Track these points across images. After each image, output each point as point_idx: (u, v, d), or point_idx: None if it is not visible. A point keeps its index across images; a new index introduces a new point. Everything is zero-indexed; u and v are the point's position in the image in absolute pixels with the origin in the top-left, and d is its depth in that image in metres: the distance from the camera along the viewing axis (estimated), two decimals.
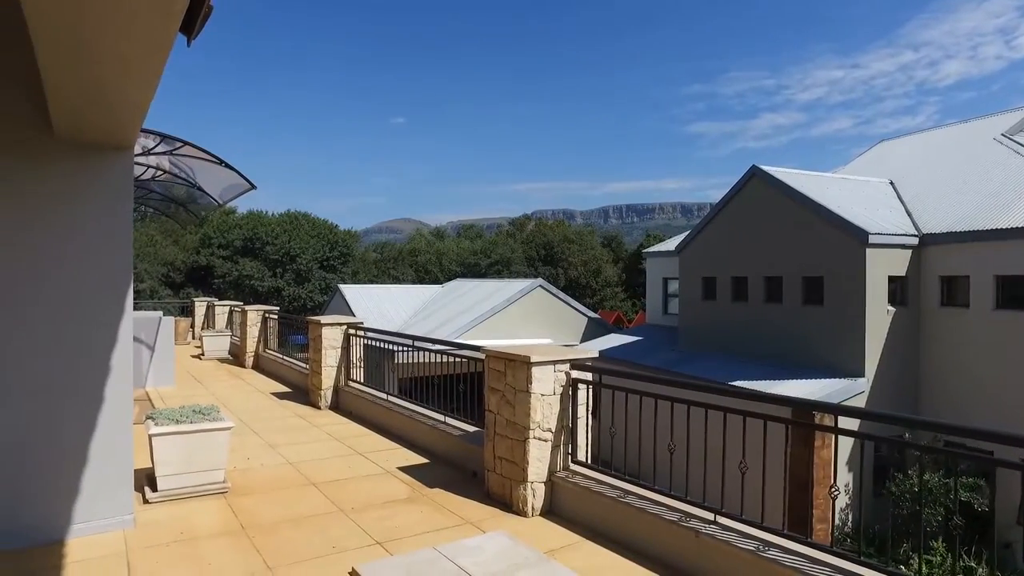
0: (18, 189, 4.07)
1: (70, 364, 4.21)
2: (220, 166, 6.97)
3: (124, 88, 3.18)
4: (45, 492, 4.12)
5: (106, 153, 4.28)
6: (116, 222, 4.35)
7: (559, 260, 55.66)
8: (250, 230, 44.71)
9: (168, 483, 4.96)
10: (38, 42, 2.68)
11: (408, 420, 6.88)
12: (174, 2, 2.20)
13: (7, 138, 4.02)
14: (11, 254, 4.05)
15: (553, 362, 4.77)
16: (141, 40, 2.51)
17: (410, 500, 5.03)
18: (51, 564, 3.83)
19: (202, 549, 4.08)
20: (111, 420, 4.32)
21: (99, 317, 4.29)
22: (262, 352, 12.87)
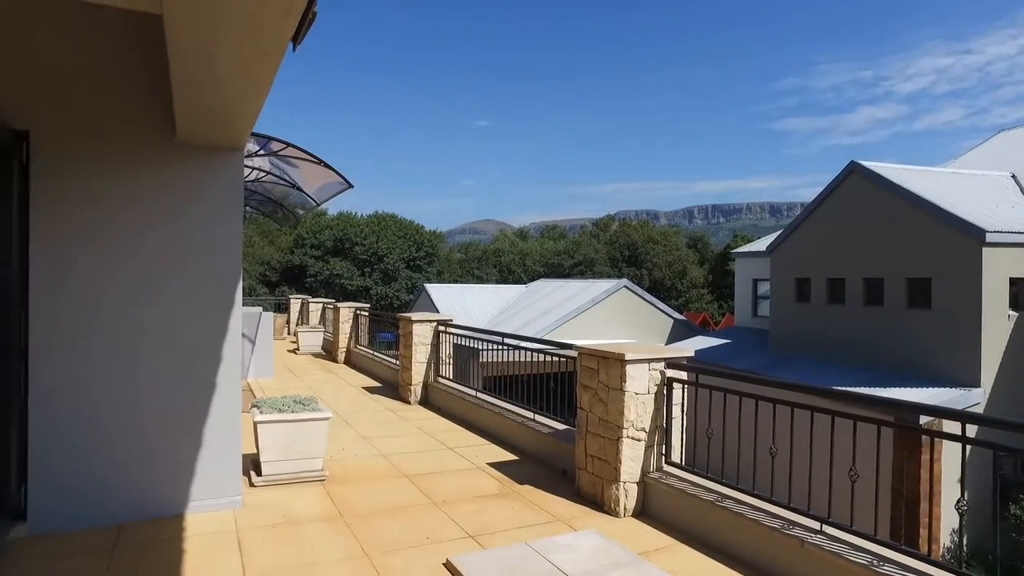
0: (147, 191, 4.37)
1: (187, 354, 4.49)
2: (319, 166, 7.25)
3: (241, 93, 3.35)
4: (168, 471, 4.42)
5: (221, 155, 4.53)
6: (229, 220, 4.59)
7: (643, 261, 54.76)
8: (340, 231, 46.46)
9: (271, 468, 5.19)
10: (173, 55, 2.87)
11: (496, 417, 6.92)
12: (293, 3, 2.29)
13: (138, 144, 4.33)
14: (140, 251, 4.36)
15: (648, 360, 4.67)
16: (259, 46, 2.63)
17: (500, 495, 5.05)
18: (173, 536, 4.11)
19: (304, 532, 4.25)
20: (222, 407, 4.57)
21: (213, 310, 4.55)
22: (353, 348, 13.32)
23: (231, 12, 2.32)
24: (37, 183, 4.11)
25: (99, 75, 4.25)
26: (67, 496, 4.16)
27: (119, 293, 4.32)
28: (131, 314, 4.35)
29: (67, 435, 4.18)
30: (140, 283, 4.37)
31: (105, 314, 4.29)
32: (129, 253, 4.34)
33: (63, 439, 4.17)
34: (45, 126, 4.11)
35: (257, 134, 6.49)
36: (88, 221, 4.24)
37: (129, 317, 4.34)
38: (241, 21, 2.39)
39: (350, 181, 7.84)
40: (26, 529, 4.06)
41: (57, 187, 4.15)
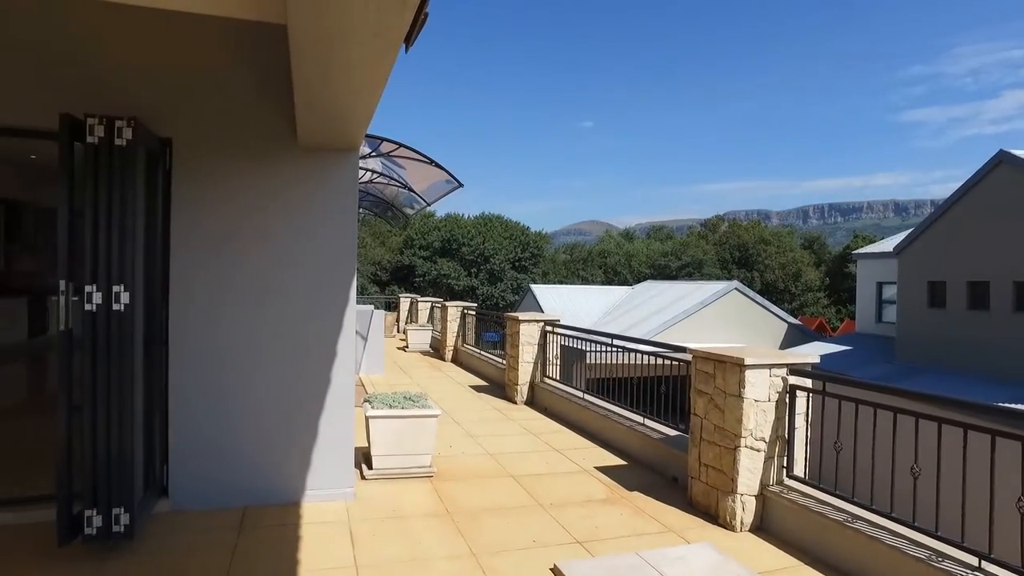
0: (270, 193, 4.60)
1: (304, 349, 4.68)
2: (429, 165, 7.40)
3: (355, 94, 3.43)
4: (287, 461, 4.63)
5: (337, 156, 4.70)
6: (344, 219, 4.75)
7: (754, 262, 52.46)
8: (448, 232, 47.70)
9: (382, 463, 5.33)
10: (295, 60, 2.98)
11: (604, 419, 6.78)
12: (407, 1, 2.29)
13: (263, 148, 4.57)
14: (264, 250, 4.59)
15: (769, 365, 4.38)
16: (373, 45, 2.66)
17: (608, 501, 4.91)
18: (291, 522, 4.30)
19: (412, 527, 4.31)
20: (337, 401, 4.74)
21: (329, 307, 4.72)
22: (460, 346, 13.55)
23: (348, 12, 2.35)
24: (177, 187, 4.42)
25: (229, 85, 4.52)
26: (200, 477, 4.45)
27: (245, 291, 4.57)
28: (256, 311, 4.59)
29: (199, 422, 4.47)
30: (264, 281, 4.60)
31: (233, 310, 4.55)
32: (254, 252, 4.58)
33: (196, 425, 4.47)
34: (184, 134, 4.42)
35: (369, 136, 6.69)
36: (219, 222, 4.51)
37: (254, 314, 4.59)
38: (357, 21, 2.42)
39: (460, 180, 7.95)
40: (168, 504, 4.39)
41: (193, 190, 4.45)
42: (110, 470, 3.70)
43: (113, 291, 3.70)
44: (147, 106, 4.20)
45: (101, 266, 3.68)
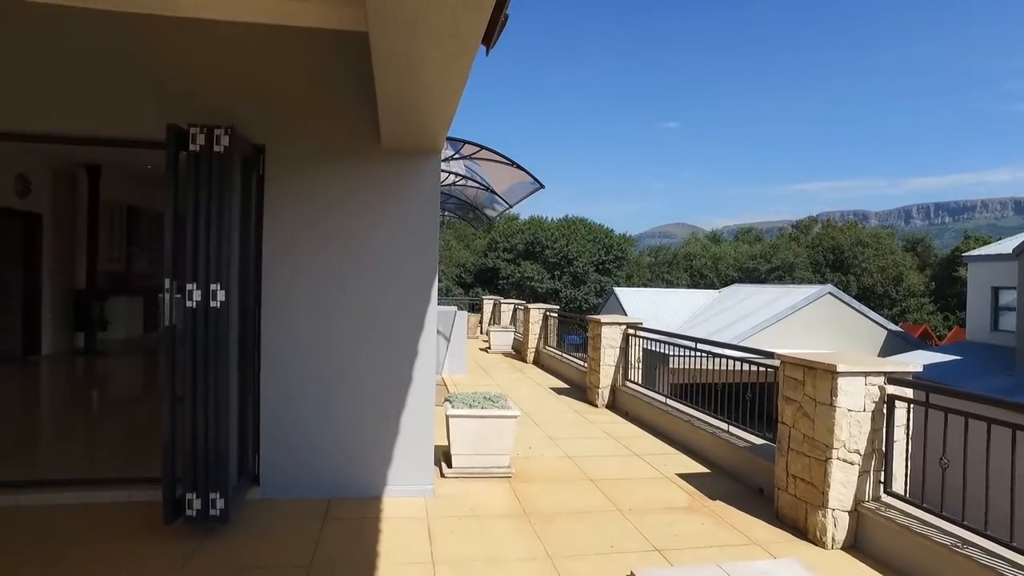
0: (355, 196, 4.76)
1: (387, 347, 4.80)
2: (511, 167, 7.45)
3: (435, 97, 3.49)
4: (369, 456, 4.77)
5: (419, 159, 4.80)
6: (426, 221, 4.84)
7: (851, 266, 49.72)
8: (531, 235, 47.89)
9: (461, 462, 5.39)
10: (377, 64, 3.06)
11: (686, 425, 6.59)
12: (482, 2, 2.31)
13: (348, 153, 4.73)
14: (349, 251, 4.76)
15: (864, 373, 4.12)
16: (450, 47, 2.70)
17: (690, 509, 4.77)
18: (372, 515, 4.42)
19: (489, 527, 4.33)
20: (418, 399, 4.83)
21: (411, 306, 4.82)
22: (542, 348, 13.56)
23: (425, 17, 2.39)
24: (269, 191, 4.65)
25: (318, 92, 4.71)
26: (288, 469, 4.65)
27: (331, 291, 4.74)
28: (341, 311, 4.75)
29: (288, 415, 4.68)
30: (349, 281, 4.76)
31: (319, 310, 4.73)
32: (340, 253, 4.75)
33: (285, 418, 4.67)
34: (277, 140, 4.64)
35: (451, 138, 6.81)
36: (307, 224, 4.71)
37: (339, 313, 4.75)
38: (433, 25, 2.46)
39: (541, 181, 7.96)
40: (259, 492, 4.61)
41: (284, 194, 4.67)
42: (207, 458, 3.93)
43: (211, 289, 3.93)
44: (243, 115, 4.45)
45: (200, 265, 3.91)
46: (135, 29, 4.47)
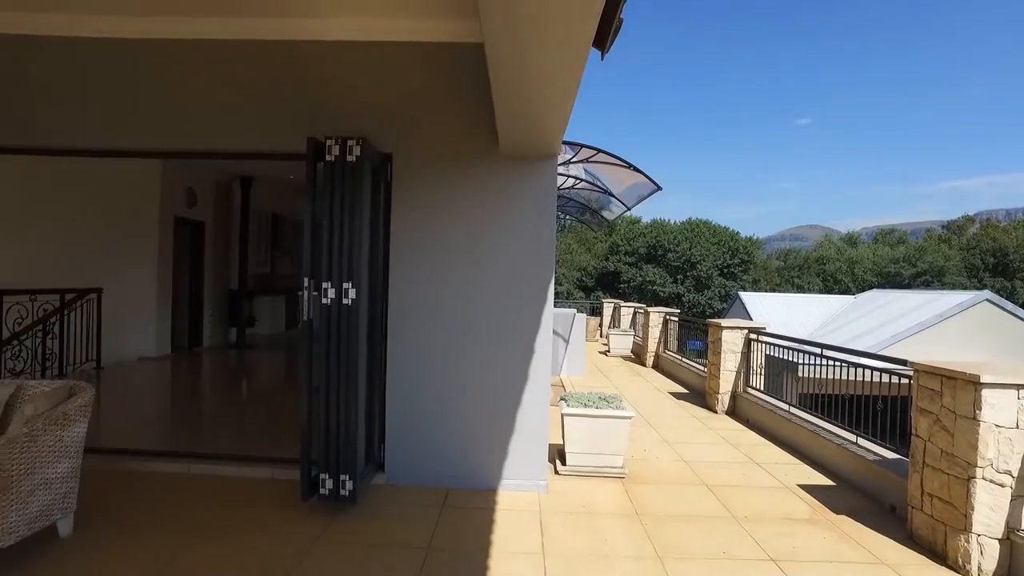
0: (475, 199, 4.99)
1: (505, 345, 4.98)
2: (628, 169, 7.45)
3: (550, 100, 3.60)
4: (486, 449, 4.96)
5: (536, 163, 4.94)
6: (543, 223, 4.98)
7: (1016, 270, 44.48)
8: (653, 238, 46.99)
9: (575, 460, 5.47)
10: (493, 72, 3.22)
11: (811, 435, 6.27)
12: (593, 7, 2.39)
13: (469, 159, 4.97)
14: (471, 252, 4.99)
15: (1017, 386, 3.76)
16: (563, 51, 2.80)
17: (811, 522, 4.56)
18: (487, 506, 4.61)
19: (600, 524, 4.38)
20: (533, 396, 4.97)
21: (528, 306, 4.97)
22: (662, 353, 13.33)
23: (537, 25, 2.51)
24: (396, 196, 4.99)
25: (439, 102, 4.98)
26: (411, 458, 4.95)
27: (453, 291, 4.99)
28: (462, 310, 4.99)
29: (410, 407, 4.98)
30: (470, 282, 4.99)
31: (440, 308, 5.00)
32: (461, 255, 4.99)
33: (408, 410, 4.98)
34: (403, 149, 4.97)
35: (568, 142, 6.91)
36: (430, 227, 4.99)
37: (460, 312, 4.99)
38: (547, 32, 2.58)
39: (658, 183, 7.88)
40: (384, 478, 4.95)
41: (409, 199, 4.98)
42: (339, 443, 4.29)
43: (343, 287, 4.28)
44: (372, 126, 4.82)
45: (335, 265, 4.28)
46: (281, 54, 4.98)
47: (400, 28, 4.88)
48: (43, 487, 3.53)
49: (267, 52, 5.01)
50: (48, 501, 3.59)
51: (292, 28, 4.93)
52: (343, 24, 4.91)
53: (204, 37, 5.00)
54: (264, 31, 4.95)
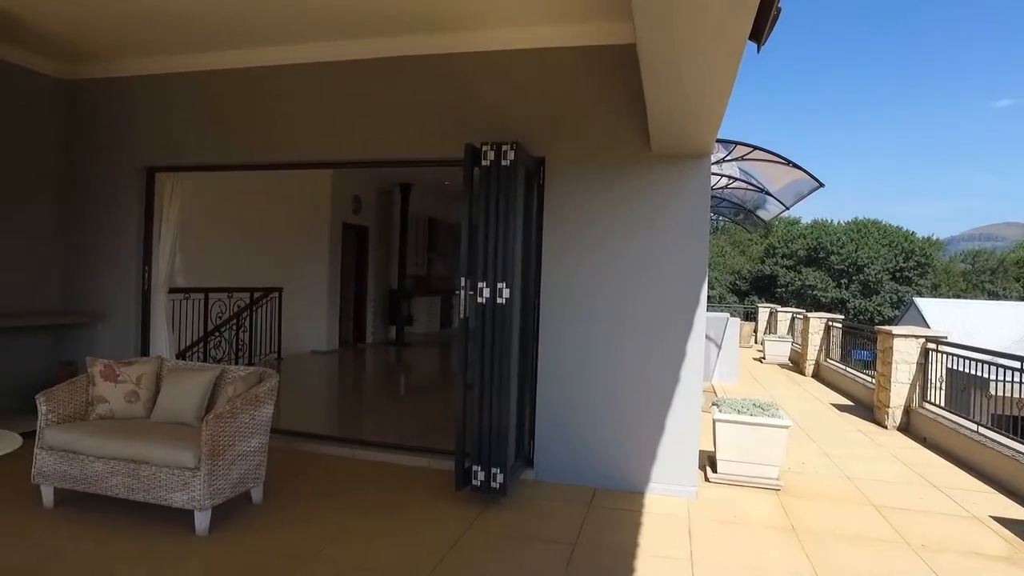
0: (627, 200, 4.99)
1: (655, 347, 4.93)
2: (787, 166, 7.05)
3: (703, 98, 3.54)
4: (633, 451, 4.95)
5: (688, 162, 4.85)
6: (696, 224, 4.87)
7: None
8: (815, 239, 43.81)
9: (726, 468, 5.29)
10: (645, 72, 3.24)
11: (1009, 461, 5.58)
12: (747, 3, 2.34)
13: (620, 160, 4.98)
14: (623, 253, 5.00)
15: None
16: (717, 47, 2.75)
17: (1009, 560, 4.05)
18: (633, 508, 4.60)
19: (752, 536, 4.20)
20: (683, 400, 4.88)
21: (679, 308, 4.89)
22: (823, 361, 12.45)
23: (691, 21, 2.49)
24: (549, 198, 5.12)
25: (590, 104, 5.04)
26: (559, 455, 5.05)
27: (604, 292, 5.03)
28: (612, 311, 5.01)
29: (560, 406, 5.08)
30: (621, 283, 5.00)
31: (590, 309, 5.05)
32: (613, 256, 5.01)
33: (557, 409, 5.08)
34: (555, 152, 5.09)
35: (723, 140, 6.68)
36: (582, 228, 5.06)
37: (611, 314, 5.01)
38: (700, 28, 2.55)
39: (820, 180, 7.38)
40: (533, 474, 5.09)
41: (562, 201, 5.09)
42: (491, 437, 4.48)
43: (497, 287, 4.46)
44: (525, 131, 4.98)
45: (489, 266, 4.47)
46: (439, 67, 5.31)
47: (550, 35, 5.01)
48: (240, 458, 4.04)
49: (426, 66, 5.36)
50: (244, 470, 4.09)
51: (448, 42, 5.24)
52: (496, 35, 5.13)
53: (373, 56, 5.46)
54: (425, 46, 5.31)
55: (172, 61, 6.02)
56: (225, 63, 5.91)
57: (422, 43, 5.30)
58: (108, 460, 3.91)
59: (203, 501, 3.76)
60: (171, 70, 6.08)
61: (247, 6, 4.92)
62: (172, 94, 6.14)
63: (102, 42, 5.82)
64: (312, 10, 4.94)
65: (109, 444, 3.92)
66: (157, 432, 4.03)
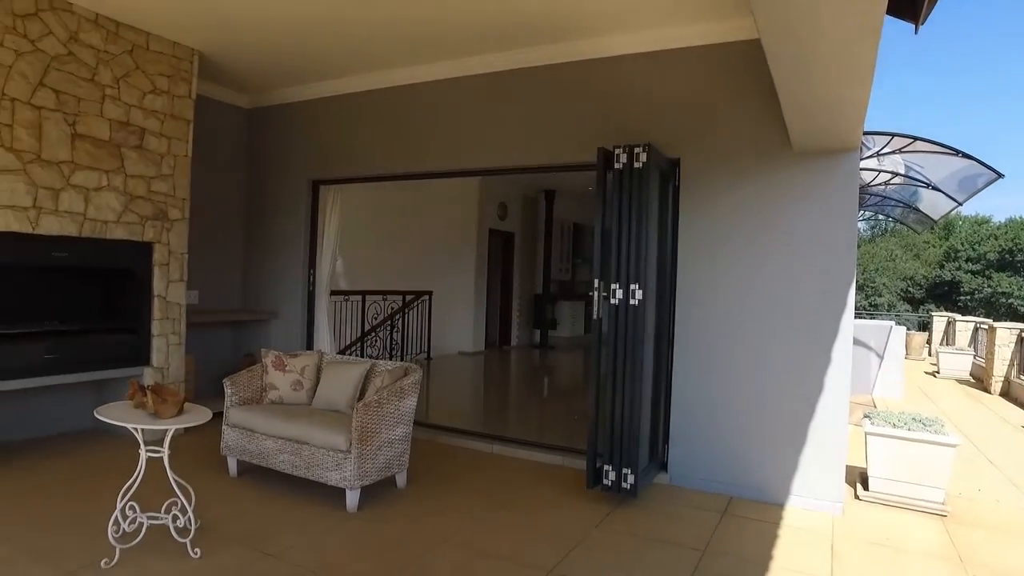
0: (764, 199, 4.81)
1: (796, 351, 4.69)
2: (955, 157, 6.36)
3: (839, 86, 3.34)
4: (771, 460, 4.73)
5: (831, 158, 4.58)
6: (841, 221, 4.58)
7: None
8: (1009, 240, 38.56)
9: (879, 486, 4.89)
10: (773, 65, 3.14)
11: None
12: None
13: (756, 159, 4.81)
14: (760, 255, 4.82)
15: None
16: (850, 34, 2.61)
17: None
18: (769, 520, 4.41)
19: (906, 563, 3.87)
20: (828, 409, 4.60)
21: (822, 311, 4.62)
22: (1013, 377, 11.00)
23: (818, 5, 2.40)
24: (684, 200, 5.05)
25: (724, 102, 4.91)
26: (693, 461, 4.95)
27: (740, 295, 4.87)
28: (748, 311, 4.84)
29: (694, 410, 4.98)
30: (758, 286, 4.82)
31: (727, 312, 4.91)
32: (750, 258, 4.84)
33: (692, 412, 4.99)
34: (690, 152, 5.02)
35: (875, 132, 6.18)
36: (718, 229, 4.94)
37: (746, 314, 4.85)
38: (829, 12, 2.44)
39: (998, 170, 6.55)
40: (666, 478, 5.04)
41: (697, 202, 5.01)
42: (623, 438, 4.50)
43: (631, 289, 4.49)
44: (659, 133, 4.97)
45: (622, 268, 4.50)
46: (572, 73, 5.46)
47: (673, 36, 5.00)
48: (386, 445, 4.40)
49: (561, 74, 5.53)
50: (389, 457, 4.45)
51: (581, 49, 5.37)
52: (625, 40, 5.18)
53: (511, 68, 5.71)
54: (559, 55, 5.48)
55: (331, 85, 6.75)
56: (377, 83, 6.47)
57: (557, 52, 5.47)
58: (276, 439, 4.44)
59: (353, 481, 4.15)
60: (331, 93, 6.81)
61: (398, 34, 5.39)
62: (332, 114, 6.84)
63: (277, 75, 6.64)
64: (456, 29, 5.28)
65: (277, 425, 4.46)
66: (316, 417, 4.50)
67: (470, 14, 4.98)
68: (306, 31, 5.44)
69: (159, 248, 5.73)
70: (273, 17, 5.15)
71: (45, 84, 4.88)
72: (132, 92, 5.47)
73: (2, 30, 4.61)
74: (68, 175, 5.04)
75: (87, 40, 5.13)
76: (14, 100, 4.70)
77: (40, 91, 4.85)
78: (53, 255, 4.98)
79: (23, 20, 4.73)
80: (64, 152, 5.01)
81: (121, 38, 5.37)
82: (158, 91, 5.66)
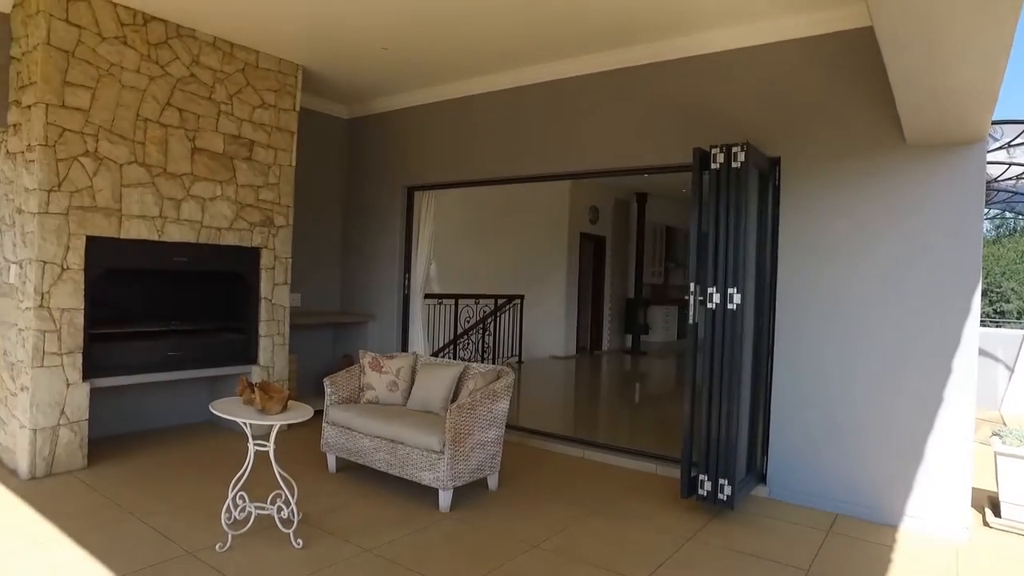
0: (874, 197, 4.50)
1: (909, 359, 4.35)
2: None
3: (967, 71, 3.06)
4: (881, 478, 4.41)
5: (952, 150, 4.22)
6: (964, 220, 4.21)
7: None
8: None
9: (1012, 513, 4.45)
10: (887, 53, 2.92)
11: None
12: None
13: (870, 152, 4.50)
14: (871, 257, 4.51)
15: None
16: (983, 13, 2.38)
17: None
18: (880, 542, 4.10)
19: None
20: (948, 423, 4.23)
21: (941, 317, 4.26)
22: None
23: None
24: (785, 199, 4.82)
25: (828, 97, 4.63)
26: (794, 474, 4.70)
27: (848, 299, 4.58)
28: (856, 316, 4.54)
29: (796, 421, 4.72)
30: (868, 290, 4.51)
31: (832, 317, 4.62)
32: (859, 260, 4.54)
33: (794, 422, 4.73)
34: (789, 150, 4.78)
35: (1008, 121, 5.64)
36: (824, 230, 4.67)
37: (854, 319, 4.55)
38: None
39: None
40: (765, 491, 4.80)
41: (800, 202, 4.75)
42: (719, 448, 4.33)
43: (728, 292, 4.32)
44: (758, 131, 4.76)
45: (719, 271, 4.35)
46: (667, 72, 5.33)
47: (774, 28, 4.77)
48: (479, 447, 4.44)
49: (653, 74, 5.41)
50: (482, 458, 4.49)
51: (680, 46, 5.22)
52: (724, 35, 5.00)
53: (603, 69, 5.66)
54: (651, 55, 5.37)
55: (425, 93, 6.93)
56: (469, 90, 6.59)
57: (656, 50, 5.34)
58: (372, 438, 4.59)
59: (446, 481, 4.22)
60: (425, 101, 7.00)
61: (491, 39, 5.44)
62: (426, 121, 7.02)
63: (374, 85, 6.90)
64: (550, 33, 5.27)
65: (373, 424, 4.61)
66: (410, 418, 4.62)
67: (573, 14, 4.91)
68: (406, 41, 5.60)
69: (266, 253, 6.08)
70: (372, 27, 5.33)
71: (171, 104, 5.32)
72: (243, 107, 5.84)
73: (139, 59, 5.10)
74: (188, 186, 5.45)
75: (206, 62, 5.54)
76: (147, 120, 5.17)
77: (167, 110, 5.29)
78: (174, 260, 5.40)
79: (155, 48, 5.20)
80: (185, 165, 5.43)
81: (235, 58, 5.75)
82: (266, 105, 6.02)
